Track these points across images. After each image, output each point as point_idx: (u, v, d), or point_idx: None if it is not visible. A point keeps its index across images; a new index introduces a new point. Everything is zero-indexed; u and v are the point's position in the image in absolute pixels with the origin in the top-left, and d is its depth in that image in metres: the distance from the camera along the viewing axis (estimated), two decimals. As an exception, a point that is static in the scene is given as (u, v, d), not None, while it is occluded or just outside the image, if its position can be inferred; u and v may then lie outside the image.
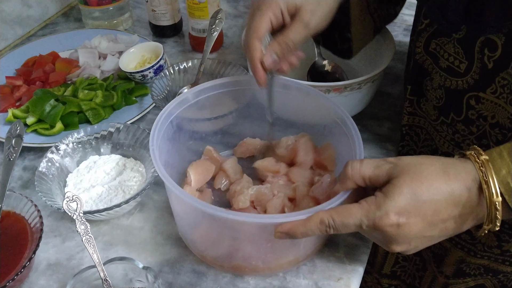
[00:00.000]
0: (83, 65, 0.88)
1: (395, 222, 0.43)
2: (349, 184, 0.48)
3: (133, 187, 0.65)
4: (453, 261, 0.68)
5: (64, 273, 0.59)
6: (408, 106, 0.65)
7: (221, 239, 0.57)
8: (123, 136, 0.70)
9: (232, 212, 0.49)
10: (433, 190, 0.43)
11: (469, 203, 0.44)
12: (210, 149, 0.67)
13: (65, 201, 0.53)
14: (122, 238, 0.63)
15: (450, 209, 0.44)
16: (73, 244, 0.62)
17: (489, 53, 0.51)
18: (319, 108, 0.63)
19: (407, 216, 0.43)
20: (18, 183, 0.71)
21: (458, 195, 0.44)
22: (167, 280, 0.58)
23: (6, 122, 0.77)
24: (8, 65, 0.89)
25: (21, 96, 0.82)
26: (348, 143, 0.58)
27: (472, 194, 0.44)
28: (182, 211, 0.58)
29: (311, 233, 0.47)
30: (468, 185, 0.44)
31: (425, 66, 0.60)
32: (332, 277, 0.58)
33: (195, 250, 0.60)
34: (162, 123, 0.58)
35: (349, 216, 0.45)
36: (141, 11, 1.10)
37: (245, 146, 0.69)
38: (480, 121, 0.56)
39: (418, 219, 0.44)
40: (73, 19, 1.09)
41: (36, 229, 0.57)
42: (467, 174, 0.44)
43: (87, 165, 0.68)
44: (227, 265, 0.58)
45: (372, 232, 0.46)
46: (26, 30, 1.03)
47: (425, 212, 0.44)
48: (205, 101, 0.64)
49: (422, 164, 0.45)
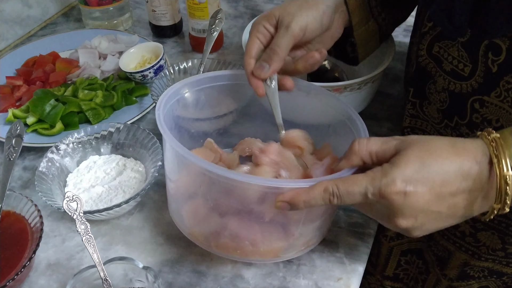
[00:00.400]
0: (83, 65, 0.88)
1: (402, 189, 0.42)
2: (355, 159, 0.47)
3: (133, 187, 0.65)
4: (457, 264, 0.68)
5: (64, 273, 0.59)
6: (410, 109, 0.65)
7: (211, 212, 0.55)
8: (123, 136, 0.70)
9: (233, 172, 0.48)
10: (442, 160, 0.43)
11: (479, 178, 0.43)
12: (211, 141, 0.66)
13: (65, 201, 0.53)
14: (122, 238, 0.63)
15: (459, 182, 0.43)
16: (73, 244, 0.62)
17: (493, 57, 0.51)
18: (323, 106, 0.63)
19: (414, 184, 0.42)
20: (18, 183, 0.71)
21: (467, 168, 0.43)
22: (167, 280, 0.58)
23: (6, 122, 0.77)
24: (8, 65, 0.89)
25: (21, 96, 0.82)
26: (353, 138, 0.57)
27: (482, 168, 0.43)
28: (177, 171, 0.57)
29: (314, 202, 0.46)
30: (478, 159, 0.43)
31: (428, 69, 0.60)
32: (332, 277, 0.58)
33: (183, 227, 0.58)
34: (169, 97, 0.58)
35: (354, 184, 0.44)
36: (141, 11, 1.10)
37: (245, 145, 0.68)
38: (485, 125, 0.56)
39: (426, 189, 0.42)
40: (73, 19, 1.09)
41: (36, 229, 0.57)
42: (476, 148, 0.43)
43: (87, 165, 0.68)
44: (214, 244, 0.56)
45: (376, 203, 0.45)
46: (26, 30, 1.03)
47: (433, 182, 0.42)
48: (205, 99, 0.64)
49: (431, 139, 0.44)
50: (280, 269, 0.59)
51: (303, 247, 0.58)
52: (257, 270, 0.59)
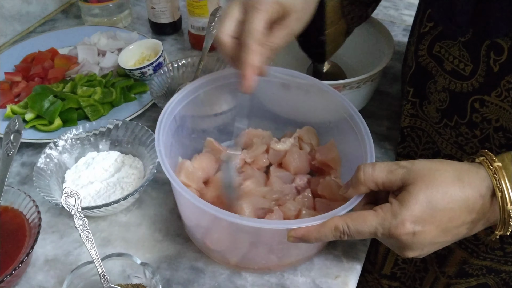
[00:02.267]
0: (82, 61, 0.88)
1: (411, 231, 0.44)
2: (362, 189, 0.48)
3: (131, 184, 0.65)
4: (456, 261, 0.68)
5: (62, 268, 0.59)
6: (410, 108, 0.65)
7: (232, 242, 0.57)
8: (122, 133, 0.70)
9: (248, 219, 0.50)
10: (448, 198, 0.44)
11: (482, 209, 0.45)
12: (211, 140, 0.67)
13: (63, 196, 0.53)
14: (120, 235, 0.63)
15: (464, 216, 0.45)
16: (71, 240, 0.62)
17: (495, 57, 0.51)
18: (324, 103, 0.63)
19: (422, 225, 0.44)
20: (16, 178, 0.71)
21: (472, 203, 0.44)
22: (164, 277, 0.58)
23: (5, 118, 0.77)
24: (7, 61, 0.89)
25: (20, 92, 0.82)
26: (356, 139, 0.58)
27: (486, 201, 0.45)
28: (192, 215, 0.58)
29: (324, 239, 0.47)
30: (482, 193, 0.44)
31: (429, 69, 0.60)
32: (330, 274, 0.58)
33: (200, 245, 0.60)
34: (166, 120, 0.57)
35: (364, 224, 0.46)
36: (141, 8, 1.10)
37: (247, 136, 0.68)
38: (484, 124, 0.56)
39: (433, 227, 0.44)
40: (73, 16, 1.09)
41: (34, 224, 0.57)
42: (481, 181, 0.45)
43: (86, 162, 0.68)
44: (233, 263, 0.58)
45: (386, 239, 0.47)
46: (26, 27, 1.03)
47: (440, 220, 0.44)
48: (205, 97, 0.64)
49: (437, 170, 0.45)
50: (278, 266, 0.59)
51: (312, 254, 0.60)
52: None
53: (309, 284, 0.57)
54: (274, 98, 0.68)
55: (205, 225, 0.58)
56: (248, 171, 0.63)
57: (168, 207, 0.66)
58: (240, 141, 0.67)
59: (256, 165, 0.65)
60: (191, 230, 0.60)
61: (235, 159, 0.58)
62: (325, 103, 0.63)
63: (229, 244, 0.57)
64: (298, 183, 0.62)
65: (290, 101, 0.67)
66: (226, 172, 0.59)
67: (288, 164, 0.63)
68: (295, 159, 0.63)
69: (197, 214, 0.56)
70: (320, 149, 0.64)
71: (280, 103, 0.69)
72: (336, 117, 0.62)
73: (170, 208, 0.66)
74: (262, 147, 0.65)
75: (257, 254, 0.57)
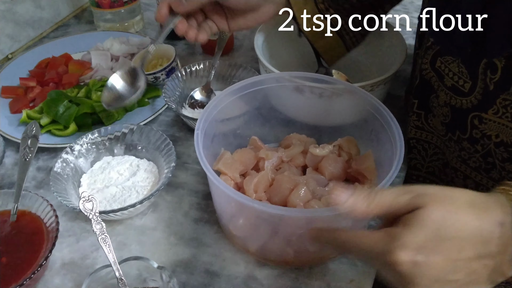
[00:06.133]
0: (96, 67, 0.89)
1: (411, 259, 0.37)
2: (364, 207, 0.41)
3: (146, 188, 0.65)
4: None
5: (79, 272, 0.60)
6: (415, 120, 0.65)
7: (254, 229, 0.59)
8: (136, 138, 0.71)
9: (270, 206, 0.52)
10: (461, 225, 0.38)
11: (502, 241, 0.39)
12: (255, 139, 0.69)
13: (81, 201, 0.54)
14: (136, 238, 0.63)
15: (478, 248, 0.38)
16: (87, 243, 0.63)
17: (491, 75, 0.52)
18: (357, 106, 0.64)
19: (426, 254, 0.38)
20: (32, 183, 0.71)
21: (488, 233, 0.39)
22: (180, 280, 0.58)
23: (21, 123, 0.78)
24: (21, 67, 0.90)
25: (35, 97, 0.83)
26: (390, 147, 0.57)
27: (506, 230, 0.39)
28: (219, 199, 0.61)
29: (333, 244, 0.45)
30: (500, 220, 0.39)
31: (432, 82, 0.60)
32: (344, 279, 0.58)
33: (225, 230, 0.63)
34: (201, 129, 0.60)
35: (359, 240, 0.41)
36: (151, 13, 1.11)
37: (290, 140, 0.70)
38: (485, 140, 0.56)
39: (439, 258, 0.38)
40: (85, 21, 1.10)
41: (52, 228, 0.58)
42: (499, 207, 0.40)
43: (101, 166, 0.69)
44: (252, 251, 0.60)
45: (383, 267, 0.41)
46: (39, 32, 1.04)
47: (448, 250, 0.38)
48: (219, 103, 0.65)
49: (452, 196, 0.40)
50: (293, 270, 0.59)
51: None
52: (270, 271, 0.59)
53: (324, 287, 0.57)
54: (306, 107, 0.70)
55: (230, 211, 0.59)
56: (285, 167, 0.65)
57: (183, 211, 0.66)
58: (283, 144, 0.70)
59: (293, 163, 0.66)
60: (219, 215, 0.63)
61: None
62: (359, 105, 0.64)
63: (251, 232, 0.59)
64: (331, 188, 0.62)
65: (321, 108, 0.69)
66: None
67: (323, 168, 0.64)
68: (331, 165, 0.64)
69: (223, 199, 0.59)
70: (357, 158, 0.64)
71: (313, 111, 0.71)
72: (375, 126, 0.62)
73: (185, 212, 0.66)
74: (299, 147, 0.66)
75: (275, 245, 0.58)
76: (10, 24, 0.96)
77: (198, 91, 0.82)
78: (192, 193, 0.69)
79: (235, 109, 0.69)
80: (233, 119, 0.70)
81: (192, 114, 0.79)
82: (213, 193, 0.62)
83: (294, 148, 0.67)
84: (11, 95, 0.84)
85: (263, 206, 0.50)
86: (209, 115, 0.61)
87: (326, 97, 0.65)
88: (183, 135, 0.79)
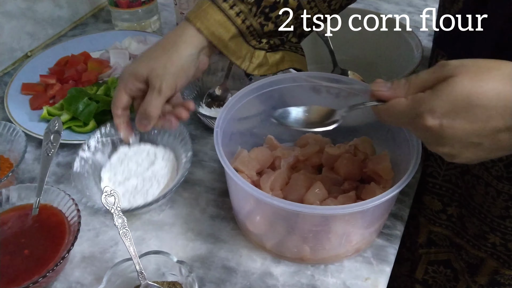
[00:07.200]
0: (114, 65, 0.90)
1: (437, 123, 0.40)
2: (401, 86, 0.45)
3: (166, 176, 0.66)
4: (488, 271, 0.68)
5: (98, 266, 0.61)
6: None
7: (270, 226, 0.59)
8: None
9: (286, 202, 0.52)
10: (493, 94, 0.38)
11: None
12: (271, 138, 0.70)
13: (103, 195, 0.55)
14: (154, 234, 0.64)
15: (508, 120, 0.39)
16: (107, 238, 0.64)
17: None
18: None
19: (452, 118, 0.40)
20: (52, 178, 0.73)
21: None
22: (198, 275, 0.59)
23: (41, 119, 0.79)
24: (41, 64, 0.92)
25: (55, 94, 0.84)
26: (407, 147, 0.58)
27: None
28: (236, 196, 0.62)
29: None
30: None
31: None
32: (360, 276, 0.59)
33: (242, 227, 0.64)
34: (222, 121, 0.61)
35: (393, 108, 0.44)
36: (168, 13, 1.13)
37: (305, 140, 0.70)
38: None
39: (465, 123, 0.39)
40: (102, 20, 1.12)
41: (74, 222, 0.59)
42: None
43: (119, 158, 0.69)
44: (268, 247, 0.61)
45: (414, 129, 0.44)
46: (57, 30, 1.06)
47: (475, 117, 0.39)
48: (237, 102, 0.66)
49: (489, 67, 0.40)
50: (308, 267, 0.60)
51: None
52: (286, 267, 0.60)
53: (339, 285, 0.58)
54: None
55: (248, 207, 0.60)
56: (301, 166, 0.66)
57: (200, 208, 0.67)
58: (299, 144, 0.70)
59: (309, 162, 0.67)
60: (236, 212, 0.64)
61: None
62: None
63: (268, 228, 0.60)
64: (346, 187, 0.63)
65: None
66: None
67: (339, 168, 0.65)
68: (346, 164, 0.64)
69: (241, 196, 0.60)
70: (373, 158, 0.65)
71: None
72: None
73: (202, 209, 0.67)
74: (315, 147, 0.67)
75: (291, 242, 0.58)
76: (30, 22, 0.98)
77: (216, 89, 0.83)
78: (208, 190, 0.70)
79: (252, 108, 0.70)
80: (250, 118, 0.70)
81: (209, 112, 0.80)
82: (231, 190, 0.63)
83: (310, 147, 0.68)
84: (31, 92, 0.85)
85: (282, 203, 0.51)
86: (228, 114, 0.62)
87: (342, 97, 0.65)
88: (199, 133, 0.80)
